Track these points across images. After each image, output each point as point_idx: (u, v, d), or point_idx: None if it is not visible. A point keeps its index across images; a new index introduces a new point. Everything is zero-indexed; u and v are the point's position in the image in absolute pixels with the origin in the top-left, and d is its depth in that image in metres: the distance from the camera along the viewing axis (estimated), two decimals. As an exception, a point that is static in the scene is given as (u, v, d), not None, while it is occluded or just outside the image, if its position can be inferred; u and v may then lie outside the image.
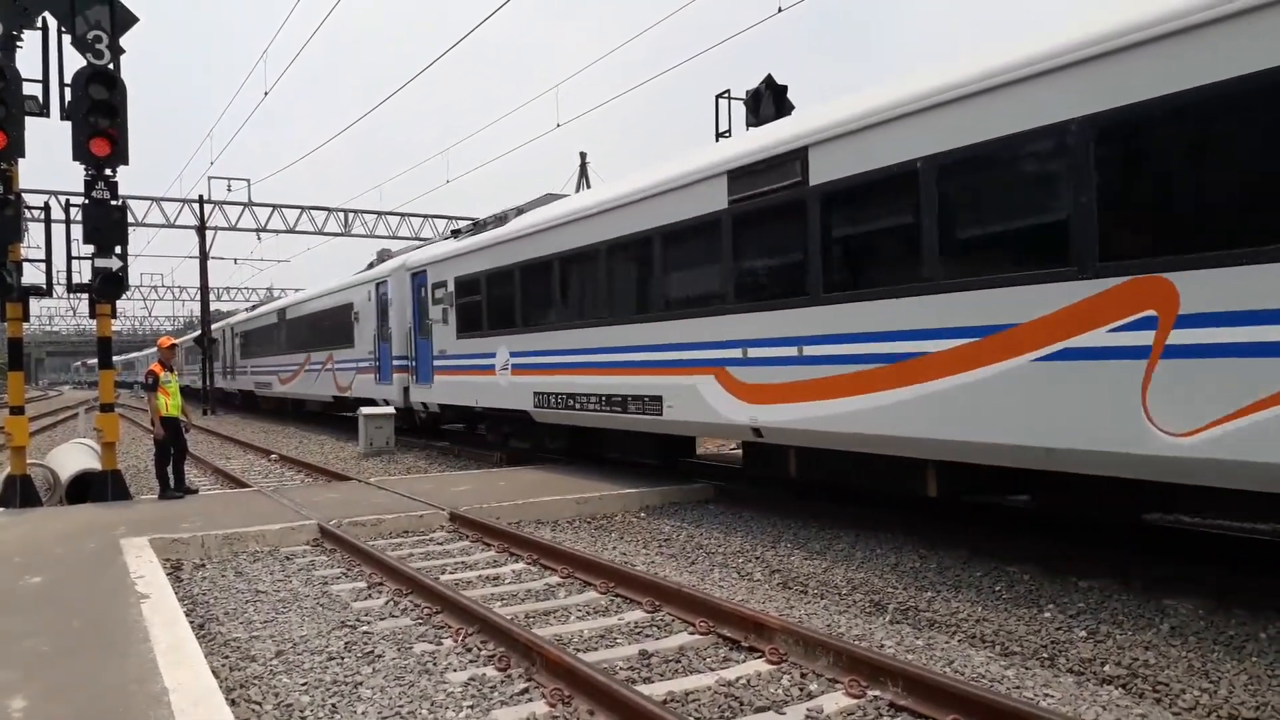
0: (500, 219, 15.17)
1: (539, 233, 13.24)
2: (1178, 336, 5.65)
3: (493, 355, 14.60)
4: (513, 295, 14.01)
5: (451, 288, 16.20)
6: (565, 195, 14.80)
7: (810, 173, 8.36)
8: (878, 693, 4.82)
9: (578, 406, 12.24)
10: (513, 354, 13.97)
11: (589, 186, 29.60)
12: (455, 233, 17.55)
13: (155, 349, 12.51)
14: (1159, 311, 5.75)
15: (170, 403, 11.83)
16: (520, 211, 14.85)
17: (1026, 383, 6.51)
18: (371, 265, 22.68)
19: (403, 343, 18.77)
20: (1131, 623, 6.04)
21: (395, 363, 19.06)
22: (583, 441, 13.63)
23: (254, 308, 39.36)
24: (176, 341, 12.56)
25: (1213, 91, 5.46)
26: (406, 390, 18.64)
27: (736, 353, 9.33)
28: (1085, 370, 6.15)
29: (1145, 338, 5.81)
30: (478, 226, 16.20)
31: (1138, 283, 5.85)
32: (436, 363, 16.92)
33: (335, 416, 28.69)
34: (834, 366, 8.17)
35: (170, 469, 11.88)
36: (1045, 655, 5.54)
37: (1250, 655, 5.38)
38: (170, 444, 11.87)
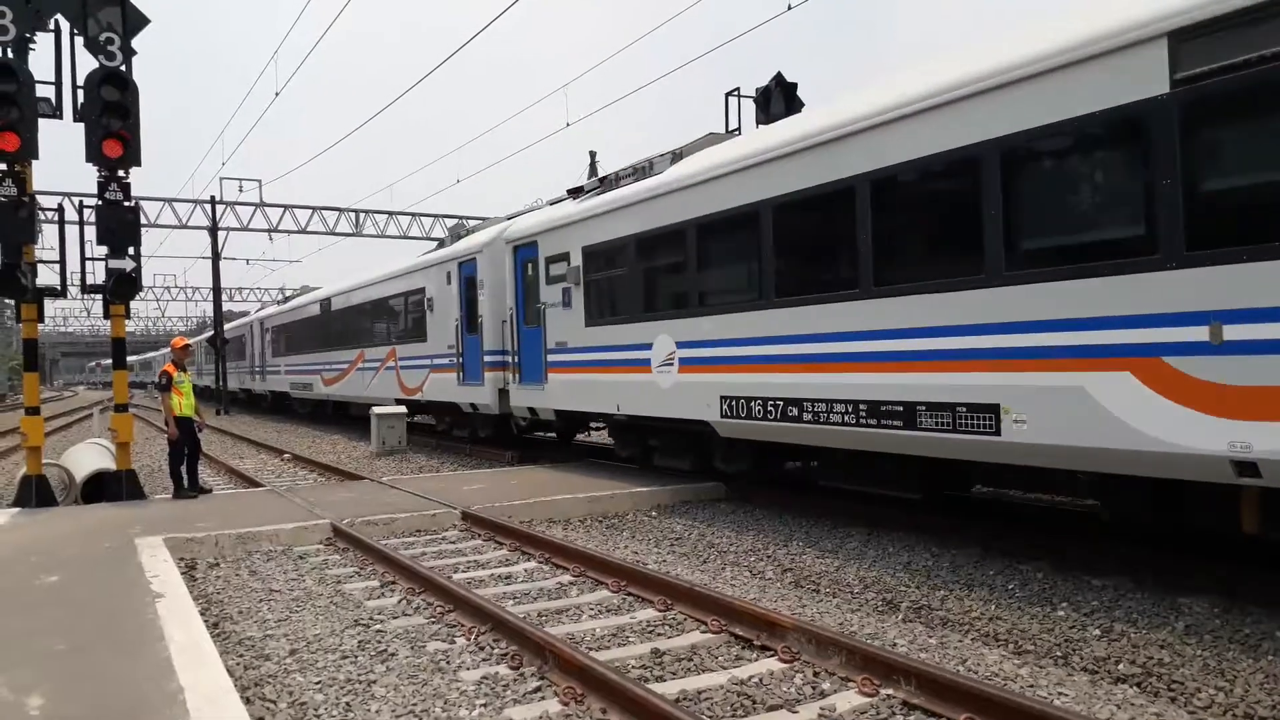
0: (641, 170, 12.01)
1: (733, 174, 9.75)
2: None
3: (647, 347, 11.24)
4: (683, 265, 10.60)
5: (577, 261, 12.73)
6: (733, 134, 11.85)
7: None
8: (891, 691, 4.81)
9: (808, 418, 8.78)
10: (682, 344, 10.63)
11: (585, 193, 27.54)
12: (574, 191, 13.98)
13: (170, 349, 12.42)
14: None
15: (184, 403, 11.90)
16: (678, 157, 11.50)
17: None
18: (443, 244, 19.39)
19: (498, 334, 15.36)
20: (1146, 621, 6.01)
21: (488, 359, 15.56)
22: (777, 462, 10.71)
23: (286, 299, 35.94)
24: (190, 342, 12.56)
25: None
26: (504, 393, 15.30)
27: (1194, 332, 5.71)
28: None
29: None
30: (607, 183, 12.81)
31: None
32: (552, 358, 13.46)
33: (346, 416, 28.47)
34: None
35: (184, 469, 11.95)
36: (1059, 654, 5.52)
37: (1266, 654, 5.34)
38: (184, 444, 11.94)
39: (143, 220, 13.03)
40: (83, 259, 12.02)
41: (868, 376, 8.14)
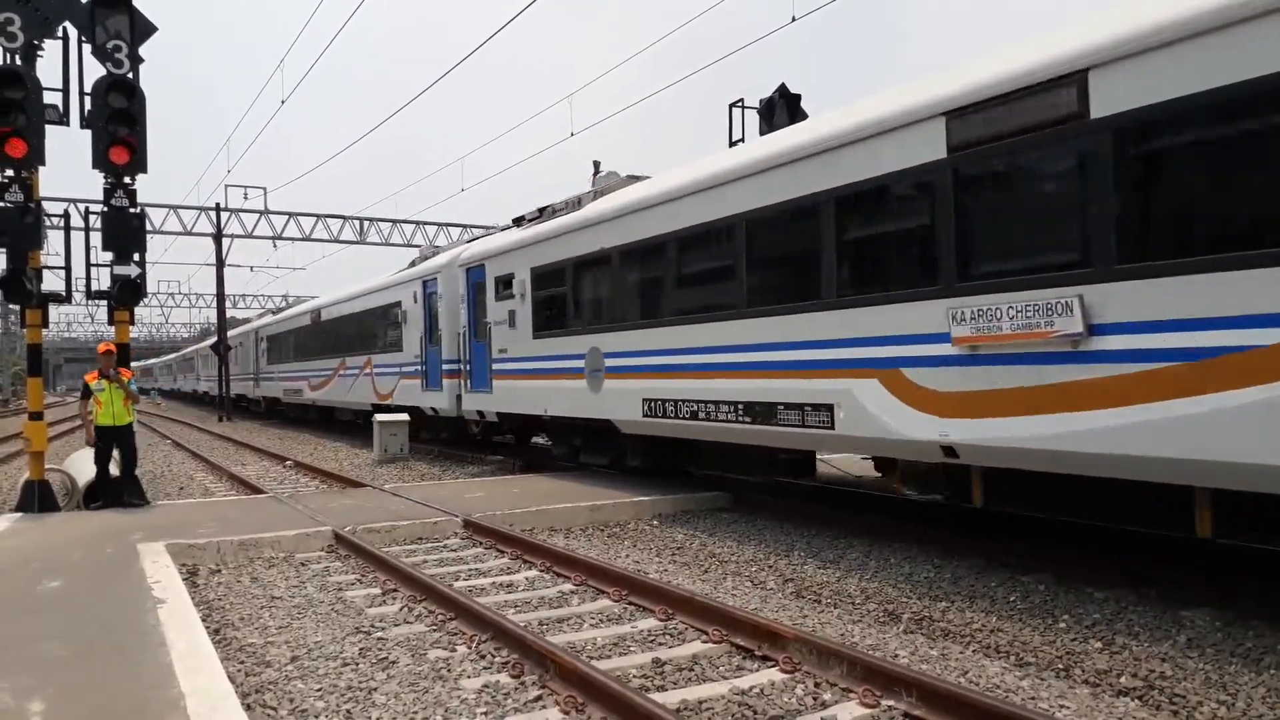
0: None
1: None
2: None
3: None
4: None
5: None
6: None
7: None
8: (892, 703, 4.80)
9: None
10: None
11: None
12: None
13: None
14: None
15: (101, 411, 11.20)
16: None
17: None
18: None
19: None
20: (1148, 634, 6.00)
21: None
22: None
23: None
24: (112, 347, 11.72)
25: None
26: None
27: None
28: None
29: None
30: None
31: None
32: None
33: (349, 424, 28.29)
34: None
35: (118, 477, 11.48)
36: (1060, 666, 5.51)
37: (1269, 668, 5.33)
38: (104, 453, 11.40)
39: (148, 227, 13.09)
40: (88, 265, 12.06)
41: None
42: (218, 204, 37.47)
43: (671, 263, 10.82)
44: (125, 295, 11.62)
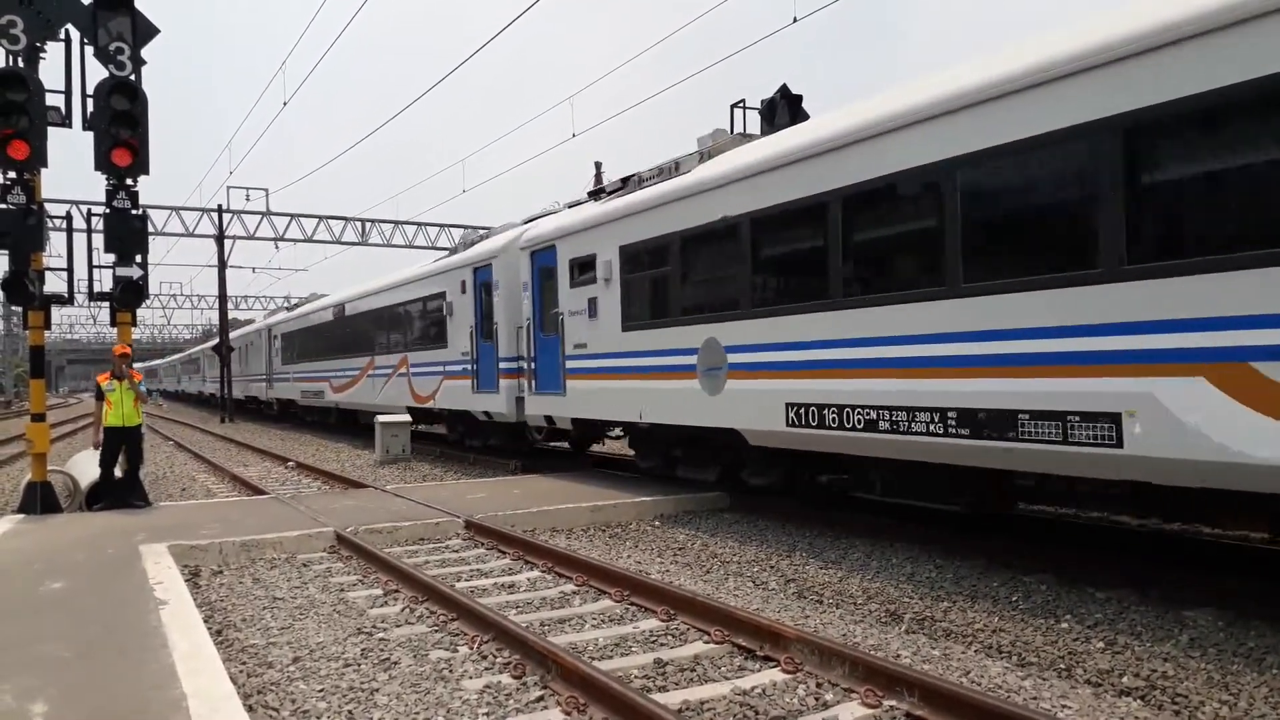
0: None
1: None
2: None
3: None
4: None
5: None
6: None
7: None
8: (894, 703, 4.80)
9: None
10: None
11: (608, 194, 27.97)
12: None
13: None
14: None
15: (111, 413, 11.40)
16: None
17: None
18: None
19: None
20: (1150, 634, 6.00)
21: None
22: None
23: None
24: (128, 349, 11.74)
25: None
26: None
27: None
28: None
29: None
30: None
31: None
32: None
33: (351, 425, 28.39)
34: None
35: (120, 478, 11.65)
36: (1063, 666, 5.51)
37: (1271, 667, 5.33)
38: (111, 453, 11.53)
39: (150, 228, 13.10)
40: (90, 266, 12.06)
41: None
42: (220, 205, 37.51)
43: (833, 231, 8.37)
44: (127, 297, 11.64)
